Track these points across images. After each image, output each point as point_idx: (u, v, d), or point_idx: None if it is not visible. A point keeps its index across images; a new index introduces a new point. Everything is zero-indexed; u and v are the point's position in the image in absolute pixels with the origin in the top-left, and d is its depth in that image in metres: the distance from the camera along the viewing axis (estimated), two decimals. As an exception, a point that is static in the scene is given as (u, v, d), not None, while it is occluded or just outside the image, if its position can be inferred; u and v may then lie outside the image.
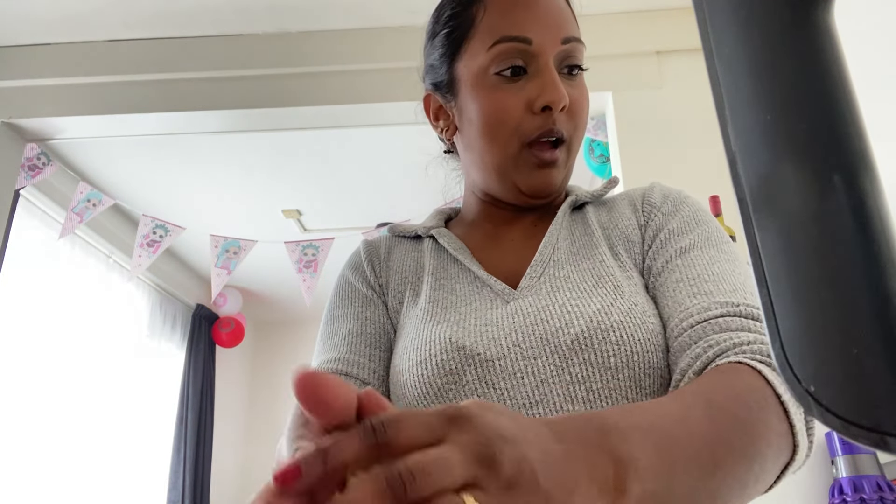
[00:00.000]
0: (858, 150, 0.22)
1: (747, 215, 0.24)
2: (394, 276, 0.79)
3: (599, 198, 0.82)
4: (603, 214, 0.78)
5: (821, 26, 0.23)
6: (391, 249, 0.83)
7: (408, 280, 0.77)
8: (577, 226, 0.77)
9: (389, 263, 0.81)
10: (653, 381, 0.62)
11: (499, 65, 0.71)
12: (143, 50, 2.27)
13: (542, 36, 0.70)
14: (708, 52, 0.26)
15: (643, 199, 0.77)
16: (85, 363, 3.12)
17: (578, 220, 0.78)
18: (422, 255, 0.80)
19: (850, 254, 0.21)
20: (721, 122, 0.25)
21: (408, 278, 0.77)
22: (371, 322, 0.75)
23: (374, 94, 2.20)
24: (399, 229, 0.85)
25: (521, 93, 0.70)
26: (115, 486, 3.29)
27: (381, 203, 3.27)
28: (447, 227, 0.85)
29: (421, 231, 0.82)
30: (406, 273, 0.78)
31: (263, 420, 4.67)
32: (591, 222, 0.76)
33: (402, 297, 0.76)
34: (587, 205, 0.80)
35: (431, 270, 0.76)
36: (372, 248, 0.83)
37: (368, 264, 0.81)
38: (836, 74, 0.23)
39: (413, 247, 0.82)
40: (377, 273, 0.80)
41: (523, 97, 0.70)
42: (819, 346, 0.22)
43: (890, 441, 0.21)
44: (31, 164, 2.36)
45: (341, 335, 0.75)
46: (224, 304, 4.20)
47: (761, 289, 0.23)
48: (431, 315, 0.70)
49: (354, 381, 0.71)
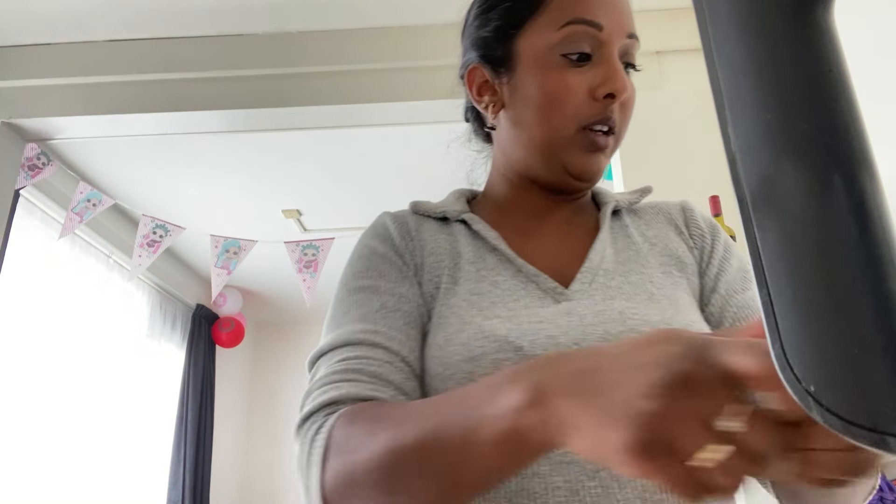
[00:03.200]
0: (858, 150, 0.22)
1: (747, 215, 0.24)
2: (428, 257, 0.73)
3: (633, 205, 0.82)
4: (642, 226, 0.78)
5: (821, 26, 0.23)
6: (419, 227, 0.77)
7: (444, 265, 0.72)
8: (619, 236, 0.76)
9: (422, 242, 0.75)
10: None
11: (567, 47, 0.70)
12: (143, 50, 2.26)
13: (612, 24, 0.70)
14: (708, 52, 0.26)
15: (686, 222, 0.78)
16: (85, 363, 3.12)
17: (618, 228, 0.77)
18: (455, 240, 0.75)
19: (850, 254, 0.21)
20: (721, 122, 0.25)
21: (444, 262, 0.72)
22: (407, 300, 0.69)
23: (374, 94, 2.20)
24: (424, 208, 0.80)
25: (585, 78, 0.69)
26: (116, 485, 3.29)
27: (381, 203, 3.26)
28: (472, 209, 0.81)
29: (450, 214, 0.78)
30: (441, 256, 0.73)
31: (263, 420, 4.67)
32: (633, 235, 0.76)
33: (438, 281, 0.71)
34: (621, 212, 0.80)
35: (470, 259, 0.72)
36: (400, 222, 0.77)
37: (401, 238, 0.74)
38: (836, 74, 0.23)
39: (441, 229, 0.77)
40: (410, 250, 0.74)
41: (587, 82, 0.69)
42: (819, 346, 0.22)
43: (890, 441, 0.21)
44: (31, 164, 2.36)
45: (373, 308, 0.67)
46: (224, 304, 4.20)
47: (761, 289, 0.23)
48: (479, 308, 0.66)
49: (396, 358, 0.63)
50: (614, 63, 0.70)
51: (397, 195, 3.20)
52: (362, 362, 0.62)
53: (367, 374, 0.61)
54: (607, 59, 0.70)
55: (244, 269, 3.62)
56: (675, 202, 0.82)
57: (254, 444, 4.61)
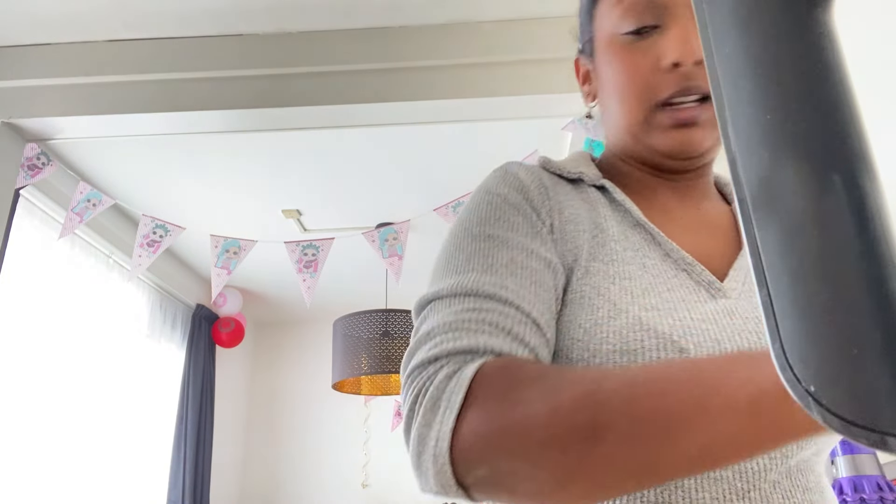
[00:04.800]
0: (858, 150, 0.22)
1: (747, 215, 0.24)
2: (567, 223, 0.63)
3: None
4: None
5: (821, 26, 0.23)
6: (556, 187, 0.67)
7: (583, 234, 0.62)
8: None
9: (560, 205, 0.64)
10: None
11: (628, 23, 0.65)
12: (143, 50, 2.27)
13: None
14: (708, 52, 0.26)
15: None
16: (85, 363, 3.12)
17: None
18: (594, 209, 0.66)
19: (850, 254, 0.21)
20: (721, 122, 0.25)
21: (583, 233, 0.62)
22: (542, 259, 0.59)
23: (374, 94, 2.20)
24: (555, 166, 0.70)
25: (651, 50, 0.64)
26: (116, 485, 3.29)
27: (381, 203, 3.27)
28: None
29: (587, 178, 0.69)
30: (581, 225, 0.63)
31: (263, 420, 4.67)
32: None
33: (577, 252, 0.61)
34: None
35: (615, 235, 0.63)
36: (535, 175, 0.66)
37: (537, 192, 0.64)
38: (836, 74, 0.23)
39: (577, 194, 0.67)
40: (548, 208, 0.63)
41: (653, 55, 0.63)
42: (819, 346, 0.22)
43: (890, 441, 0.21)
44: (31, 164, 2.36)
45: (501, 260, 0.57)
46: (224, 304, 4.20)
47: (761, 289, 0.23)
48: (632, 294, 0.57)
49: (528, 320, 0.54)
50: (678, 26, 0.63)
51: (397, 195, 3.20)
52: (495, 315, 0.53)
53: (503, 329, 0.52)
54: (670, 26, 0.63)
55: (244, 269, 3.62)
56: None
57: (254, 444, 4.61)
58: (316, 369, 4.64)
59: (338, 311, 4.14)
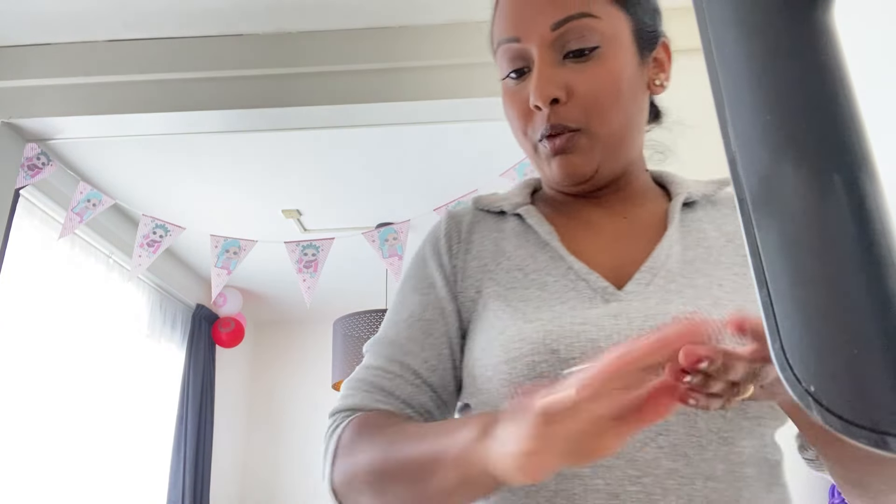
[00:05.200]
0: (858, 150, 0.22)
1: (747, 215, 0.24)
2: (472, 261, 0.73)
3: (710, 197, 0.77)
4: (719, 219, 0.73)
5: (821, 26, 0.23)
6: (473, 227, 0.77)
7: (487, 268, 0.72)
8: (690, 232, 0.71)
9: (469, 245, 0.75)
10: (761, 408, 0.60)
11: (504, 69, 0.71)
12: (143, 50, 2.26)
13: (527, 29, 0.67)
14: (708, 52, 0.26)
15: None
16: (85, 363, 3.12)
17: (690, 223, 0.72)
18: (506, 239, 0.74)
19: (849, 254, 0.21)
20: (721, 122, 0.25)
21: (488, 266, 0.72)
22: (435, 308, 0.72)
23: (374, 94, 2.20)
24: (484, 202, 0.79)
25: (524, 92, 0.69)
26: (116, 485, 3.29)
27: (381, 203, 3.27)
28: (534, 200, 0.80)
29: (507, 207, 0.77)
30: (485, 259, 0.73)
31: (263, 420, 4.67)
32: (707, 231, 0.71)
33: (479, 285, 0.71)
34: (695, 204, 0.76)
35: (518, 262, 0.71)
36: (453, 224, 0.77)
37: (447, 247, 0.75)
38: (836, 74, 0.23)
39: (496, 226, 0.76)
40: (453, 253, 0.75)
41: (525, 97, 0.69)
42: (819, 346, 0.22)
43: (890, 441, 0.21)
44: (31, 164, 2.36)
45: (403, 315, 0.74)
46: (224, 304, 4.20)
47: (761, 289, 0.23)
48: (523, 312, 0.65)
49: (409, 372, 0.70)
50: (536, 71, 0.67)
51: (397, 195, 3.20)
52: (379, 375, 0.70)
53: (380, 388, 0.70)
54: (532, 69, 0.68)
55: (244, 269, 3.62)
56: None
57: (254, 444, 4.61)
58: (316, 369, 4.63)
59: (338, 311, 4.14)
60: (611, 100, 0.67)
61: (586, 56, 0.66)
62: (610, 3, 0.68)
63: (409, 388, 0.69)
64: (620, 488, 0.57)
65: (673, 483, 0.57)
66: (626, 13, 0.70)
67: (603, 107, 0.67)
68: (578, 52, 0.66)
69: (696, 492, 0.57)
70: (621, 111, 0.68)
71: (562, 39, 0.66)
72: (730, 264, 0.68)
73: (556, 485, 0.59)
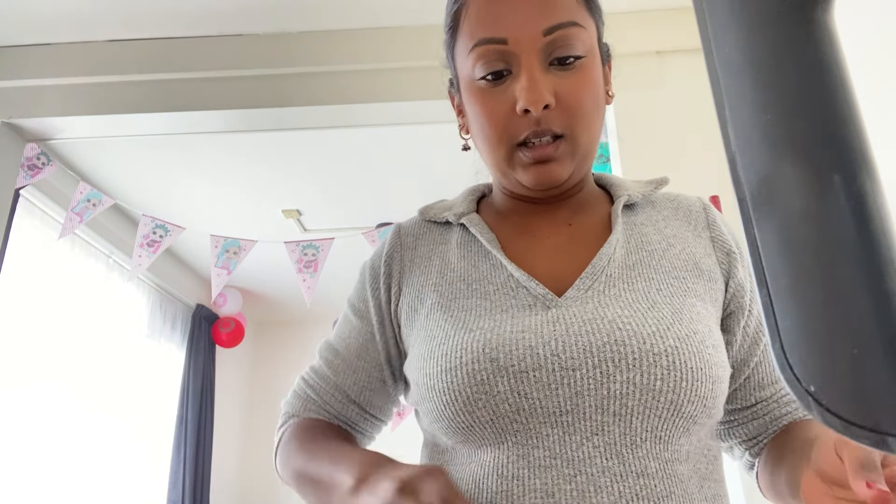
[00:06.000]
0: (858, 150, 0.22)
1: (747, 215, 0.24)
2: (416, 276, 0.76)
3: (648, 197, 0.79)
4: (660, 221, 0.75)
5: (821, 26, 0.23)
6: (419, 239, 0.80)
7: (431, 280, 0.74)
8: (633, 235, 0.73)
9: (414, 259, 0.78)
10: (694, 408, 0.61)
11: (480, 70, 0.68)
12: (143, 50, 2.26)
13: (518, 32, 0.66)
14: (708, 52, 0.26)
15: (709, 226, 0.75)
16: (85, 363, 3.12)
17: (632, 226, 0.74)
18: (450, 249, 0.76)
19: (850, 254, 0.21)
20: (721, 122, 0.25)
21: (431, 278, 0.74)
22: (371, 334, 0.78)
23: (374, 93, 2.20)
24: (430, 213, 0.82)
25: (506, 95, 0.67)
26: (116, 485, 3.29)
27: (381, 203, 3.27)
28: (480, 208, 0.82)
29: (451, 218, 0.78)
30: (431, 272, 0.75)
31: (263, 420, 4.67)
32: (649, 234, 0.73)
33: (422, 297, 0.73)
34: (636, 206, 0.77)
35: (461, 273, 0.72)
36: (397, 244, 0.80)
37: (386, 268, 0.79)
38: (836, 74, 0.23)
39: (442, 237, 0.79)
40: (392, 275, 0.78)
41: (508, 99, 0.67)
42: (819, 346, 0.22)
43: (890, 441, 0.21)
44: (31, 164, 2.36)
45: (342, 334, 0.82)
46: (224, 304, 4.20)
47: (761, 289, 0.23)
48: (463, 322, 0.67)
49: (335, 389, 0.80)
50: (526, 76, 0.66)
51: (397, 195, 3.20)
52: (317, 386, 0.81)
53: (314, 400, 0.81)
54: (519, 73, 0.67)
55: (244, 269, 3.62)
56: (694, 198, 0.79)
57: (254, 444, 4.61)
58: (316, 369, 4.64)
59: (338, 311, 4.13)
60: (591, 108, 0.69)
61: (570, 64, 0.67)
62: (586, 13, 0.70)
63: (337, 405, 0.80)
64: (556, 487, 0.59)
65: (606, 480, 0.59)
66: (595, 23, 0.72)
67: (582, 114, 0.68)
68: (563, 59, 0.67)
69: (628, 488, 0.58)
70: (598, 119, 0.70)
71: (550, 46, 0.67)
72: (669, 268, 0.69)
73: (496, 486, 0.61)
